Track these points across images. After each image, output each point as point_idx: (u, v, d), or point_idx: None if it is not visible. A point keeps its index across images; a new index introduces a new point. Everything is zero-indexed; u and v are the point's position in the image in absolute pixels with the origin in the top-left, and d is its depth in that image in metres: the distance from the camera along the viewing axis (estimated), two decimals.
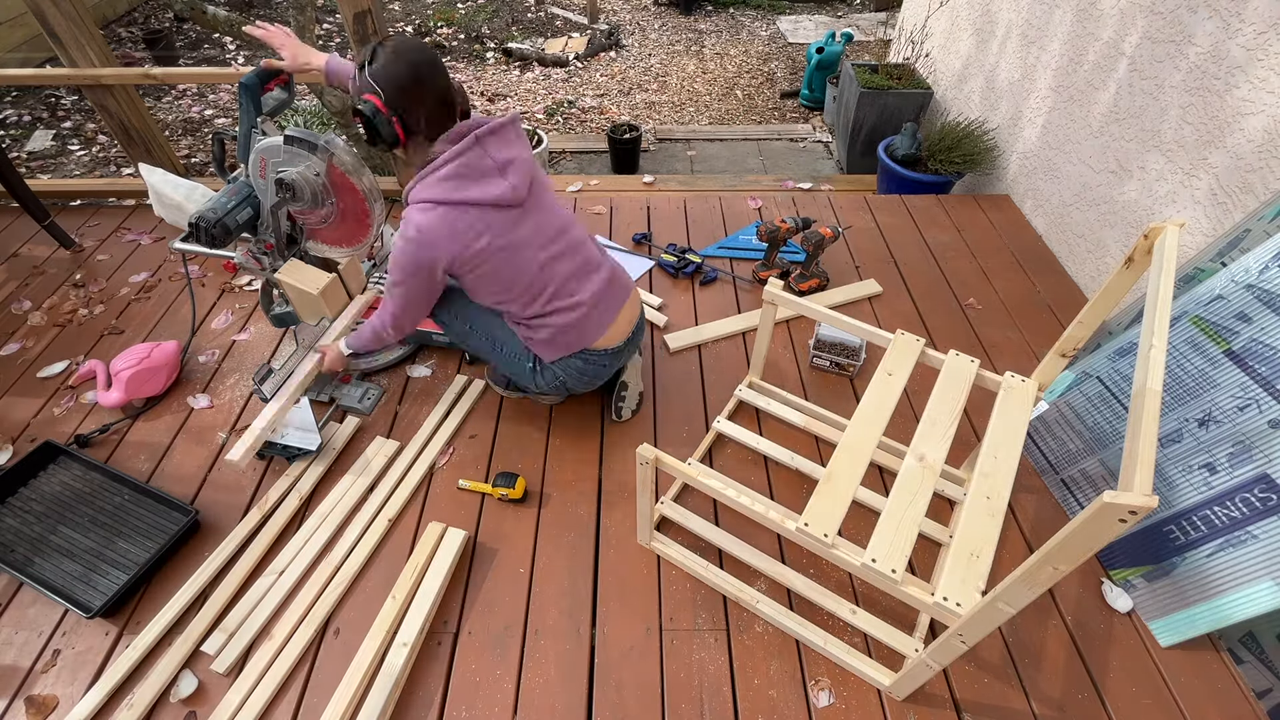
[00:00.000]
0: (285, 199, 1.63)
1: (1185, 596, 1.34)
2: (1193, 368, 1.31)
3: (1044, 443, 1.68)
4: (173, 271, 2.39)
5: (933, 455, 1.18)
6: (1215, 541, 1.27)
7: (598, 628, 1.43)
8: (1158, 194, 1.97)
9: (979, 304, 2.24)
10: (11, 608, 1.47)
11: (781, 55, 5.38)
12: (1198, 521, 1.30)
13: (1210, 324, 1.29)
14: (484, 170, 1.35)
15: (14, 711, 1.31)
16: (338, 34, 5.44)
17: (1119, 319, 1.76)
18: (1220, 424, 1.26)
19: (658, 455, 1.22)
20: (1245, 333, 1.23)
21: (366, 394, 1.88)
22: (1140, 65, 2.03)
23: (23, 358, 2.06)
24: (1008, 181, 2.80)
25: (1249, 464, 1.21)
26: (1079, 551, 0.79)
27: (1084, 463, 1.56)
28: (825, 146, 4.09)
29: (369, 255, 2.12)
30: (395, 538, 1.59)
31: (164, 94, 4.54)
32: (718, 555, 1.55)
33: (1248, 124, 1.67)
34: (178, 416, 1.87)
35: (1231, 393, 1.24)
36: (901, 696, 1.31)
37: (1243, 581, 1.23)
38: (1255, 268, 1.22)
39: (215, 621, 1.43)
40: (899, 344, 1.41)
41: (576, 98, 4.68)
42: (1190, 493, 1.31)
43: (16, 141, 3.95)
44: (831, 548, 1.08)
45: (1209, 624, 1.30)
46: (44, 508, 1.63)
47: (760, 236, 2.23)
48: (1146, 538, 1.40)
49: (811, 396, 1.93)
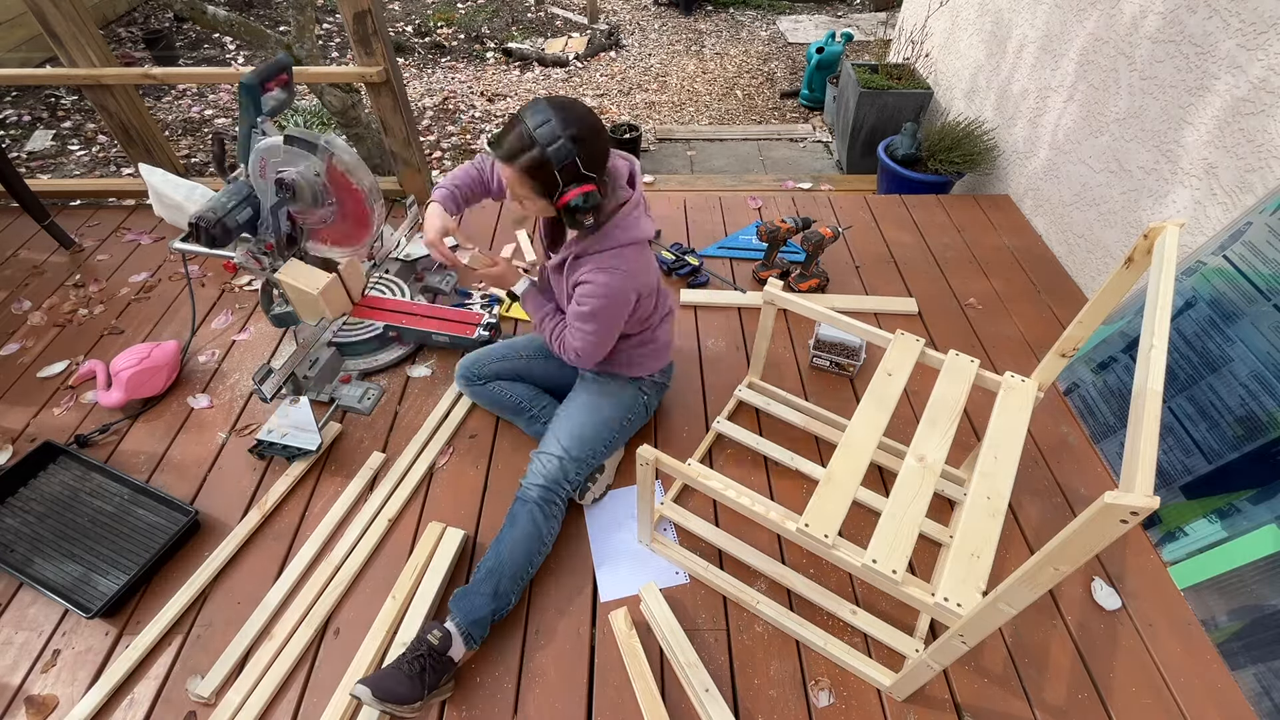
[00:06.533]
0: (285, 199, 1.63)
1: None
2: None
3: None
4: (173, 271, 2.39)
5: (933, 455, 1.18)
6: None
7: (598, 628, 1.43)
8: (1158, 194, 1.97)
9: (979, 304, 2.24)
10: (11, 608, 1.47)
11: (781, 55, 5.38)
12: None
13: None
14: (640, 206, 1.36)
15: (14, 711, 1.31)
16: (338, 34, 5.44)
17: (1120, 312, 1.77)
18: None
19: (658, 455, 1.22)
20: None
21: (366, 394, 1.88)
22: (1140, 65, 2.03)
23: (23, 358, 2.06)
24: (1008, 181, 2.80)
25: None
26: (1080, 552, 0.78)
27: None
28: (825, 146, 4.08)
29: (369, 255, 2.12)
30: (395, 538, 1.58)
31: (164, 94, 4.54)
32: (718, 555, 1.55)
33: (1247, 124, 1.67)
34: (178, 416, 1.87)
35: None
36: (902, 697, 1.31)
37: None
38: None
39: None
40: (899, 344, 1.41)
41: (576, 98, 4.68)
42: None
43: (16, 141, 3.95)
44: (832, 548, 1.08)
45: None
46: (44, 508, 1.63)
47: (760, 236, 2.23)
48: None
49: (811, 396, 1.92)
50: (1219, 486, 1.43)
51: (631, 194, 1.33)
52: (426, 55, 5.21)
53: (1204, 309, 1.51)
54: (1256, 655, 1.32)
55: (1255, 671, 1.32)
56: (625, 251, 1.33)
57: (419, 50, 5.27)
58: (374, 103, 2.48)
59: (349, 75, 2.44)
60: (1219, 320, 1.47)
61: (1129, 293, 1.60)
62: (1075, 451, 1.77)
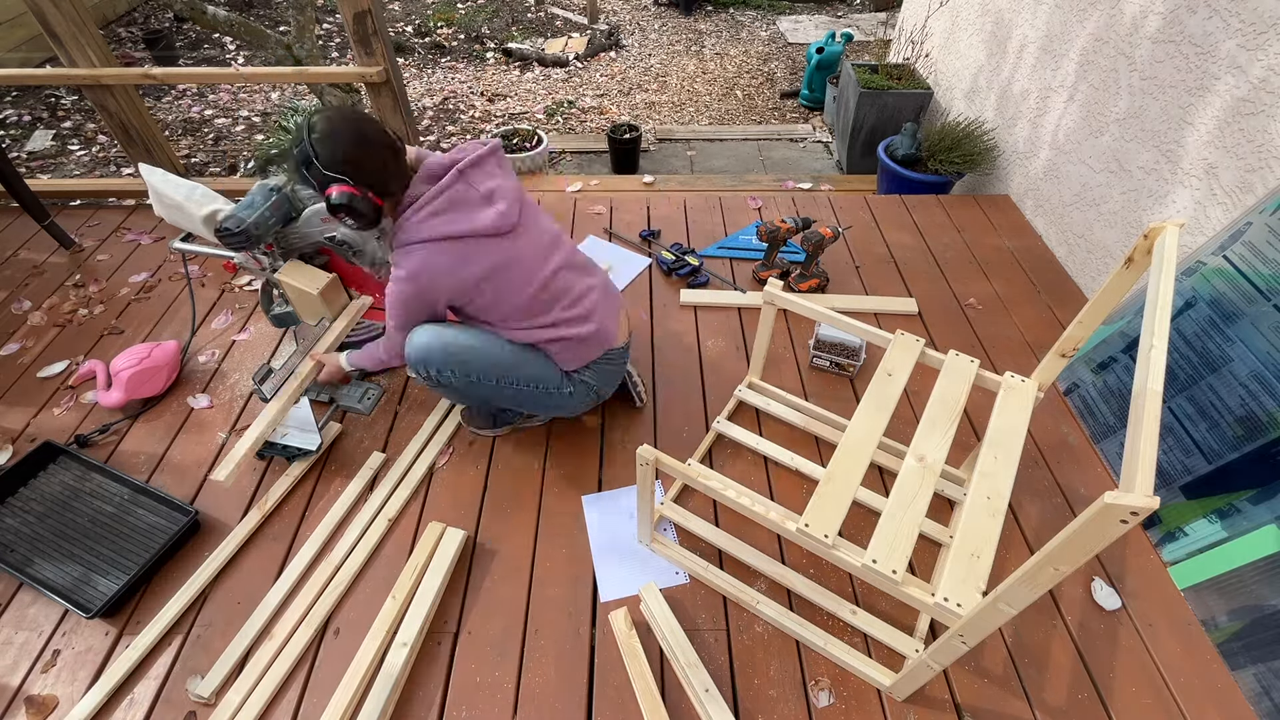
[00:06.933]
0: (346, 254, 1.72)
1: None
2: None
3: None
4: (173, 271, 2.39)
5: (933, 455, 1.18)
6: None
7: (597, 628, 1.43)
8: (1158, 194, 1.97)
9: (979, 304, 2.24)
10: (11, 608, 1.47)
11: (781, 55, 5.38)
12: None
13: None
14: (470, 201, 1.33)
15: (14, 711, 1.31)
16: (338, 34, 5.44)
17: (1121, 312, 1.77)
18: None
19: (658, 456, 1.22)
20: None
21: (366, 394, 1.88)
22: (1141, 65, 2.03)
23: (23, 358, 2.06)
24: (1008, 182, 2.80)
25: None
26: (1080, 552, 0.78)
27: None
28: (825, 146, 4.09)
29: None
30: (395, 538, 1.58)
31: (164, 94, 4.54)
32: (718, 555, 1.55)
33: (1248, 124, 1.67)
34: (178, 416, 1.87)
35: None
36: (902, 697, 1.31)
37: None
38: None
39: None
40: (899, 344, 1.41)
41: (576, 98, 4.68)
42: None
43: (16, 141, 3.95)
44: (832, 548, 1.08)
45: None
46: (44, 508, 1.63)
47: (760, 236, 2.23)
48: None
49: (811, 396, 1.92)
50: (1219, 486, 1.43)
51: (429, 187, 1.31)
52: (426, 55, 5.21)
53: (1204, 309, 1.51)
54: (1256, 655, 1.32)
55: (1255, 671, 1.32)
56: (412, 249, 1.32)
57: (419, 50, 5.27)
58: (374, 103, 2.48)
59: (349, 75, 2.44)
60: (1219, 320, 1.47)
61: (1129, 293, 1.60)
62: (1075, 451, 1.77)
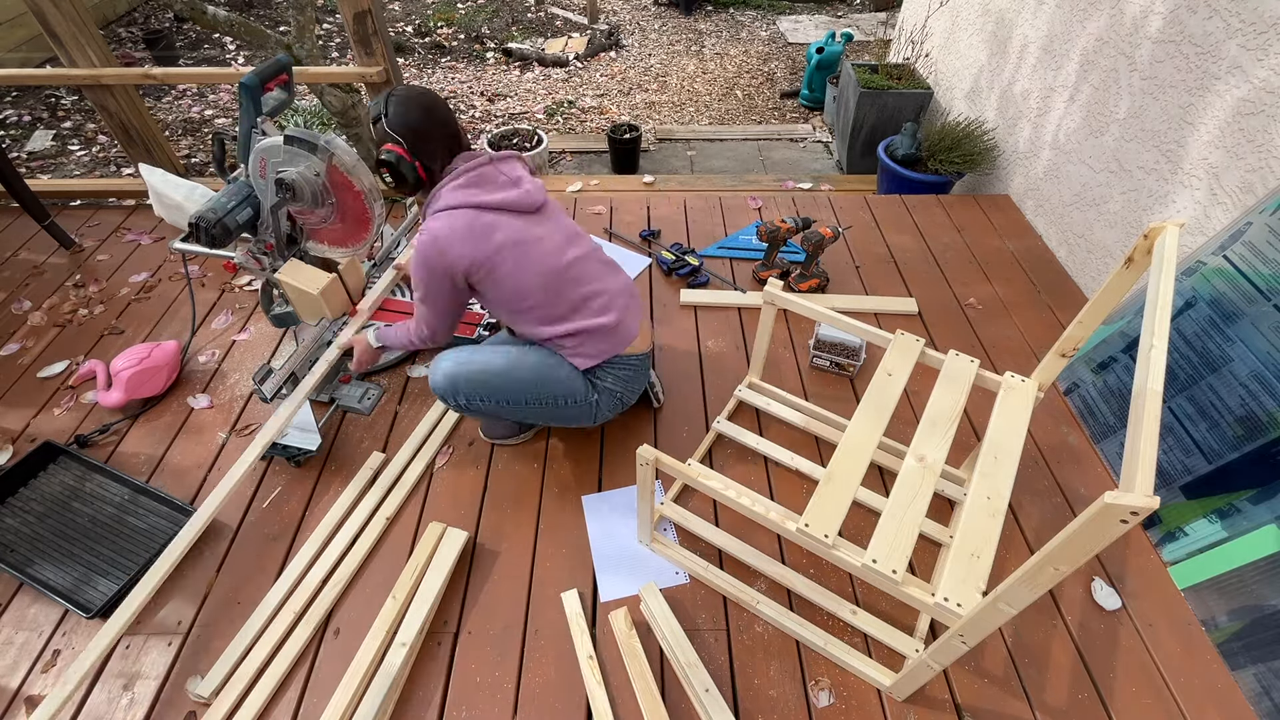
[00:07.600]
0: (285, 199, 1.63)
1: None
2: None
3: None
4: (173, 271, 2.39)
5: (933, 455, 1.18)
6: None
7: (598, 628, 1.43)
8: (1158, 194, 1.97)
9: (979, 304, 2.24)
10: (11, 608, 1.47)
11: (781, 55, 5.38)
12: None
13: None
14: (497, 181, 1.42)
15: (14, 711, 1.31)
16: (338, 34, 5.44)
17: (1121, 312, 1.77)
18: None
19: (658, 456, 1.22)
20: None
21: (366, 394, 1.88)
22: (1141, 65, 2.03)
23: (23, 358, 2.06)
24: (1008, 182, 2.80)
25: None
26: (1080, 552, 0.78)
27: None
28: (825, 147, 4.08)
29: (369, 255, 2.12)
30: (395, 537, 1.58)
31: (164, 94, 4.54)
32: (718, 555, 1.55)
33: (1248, 124, 1.67)
34: (178, 416, 1.87)
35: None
36: (902, 697, 1.31)
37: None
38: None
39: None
40: (899, 344, 1.41)
41: (576, 98, 4.68)
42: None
43: (16, 141, 3.95)
44: (832, 548, 1.08)
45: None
46: (44, 508, 1.63)
47: (760, 236, 2.23)
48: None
49: (811, 397, 1.92)
50: (1219, 486, 1.43)
51: (463, 164, 1.41)
52: (426, 55, 5.21)
53: (1204, 309, 1.51)
54: (1256, 655, 1.32)
55: (1255, 671, 1.32)
56: (439, 214, 1.40)
57: (419, 50, 5.27)
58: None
59: (349, 75, 2.44)
60: (1219, 320, 1.47)
61: (1129, 293, 1.60)
62: (1075, 452, 1.77)
